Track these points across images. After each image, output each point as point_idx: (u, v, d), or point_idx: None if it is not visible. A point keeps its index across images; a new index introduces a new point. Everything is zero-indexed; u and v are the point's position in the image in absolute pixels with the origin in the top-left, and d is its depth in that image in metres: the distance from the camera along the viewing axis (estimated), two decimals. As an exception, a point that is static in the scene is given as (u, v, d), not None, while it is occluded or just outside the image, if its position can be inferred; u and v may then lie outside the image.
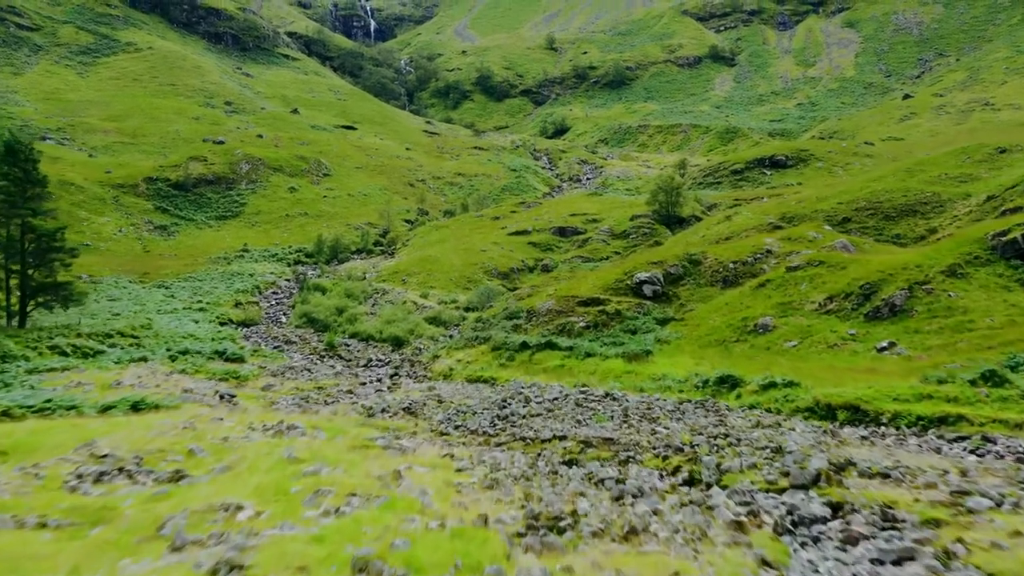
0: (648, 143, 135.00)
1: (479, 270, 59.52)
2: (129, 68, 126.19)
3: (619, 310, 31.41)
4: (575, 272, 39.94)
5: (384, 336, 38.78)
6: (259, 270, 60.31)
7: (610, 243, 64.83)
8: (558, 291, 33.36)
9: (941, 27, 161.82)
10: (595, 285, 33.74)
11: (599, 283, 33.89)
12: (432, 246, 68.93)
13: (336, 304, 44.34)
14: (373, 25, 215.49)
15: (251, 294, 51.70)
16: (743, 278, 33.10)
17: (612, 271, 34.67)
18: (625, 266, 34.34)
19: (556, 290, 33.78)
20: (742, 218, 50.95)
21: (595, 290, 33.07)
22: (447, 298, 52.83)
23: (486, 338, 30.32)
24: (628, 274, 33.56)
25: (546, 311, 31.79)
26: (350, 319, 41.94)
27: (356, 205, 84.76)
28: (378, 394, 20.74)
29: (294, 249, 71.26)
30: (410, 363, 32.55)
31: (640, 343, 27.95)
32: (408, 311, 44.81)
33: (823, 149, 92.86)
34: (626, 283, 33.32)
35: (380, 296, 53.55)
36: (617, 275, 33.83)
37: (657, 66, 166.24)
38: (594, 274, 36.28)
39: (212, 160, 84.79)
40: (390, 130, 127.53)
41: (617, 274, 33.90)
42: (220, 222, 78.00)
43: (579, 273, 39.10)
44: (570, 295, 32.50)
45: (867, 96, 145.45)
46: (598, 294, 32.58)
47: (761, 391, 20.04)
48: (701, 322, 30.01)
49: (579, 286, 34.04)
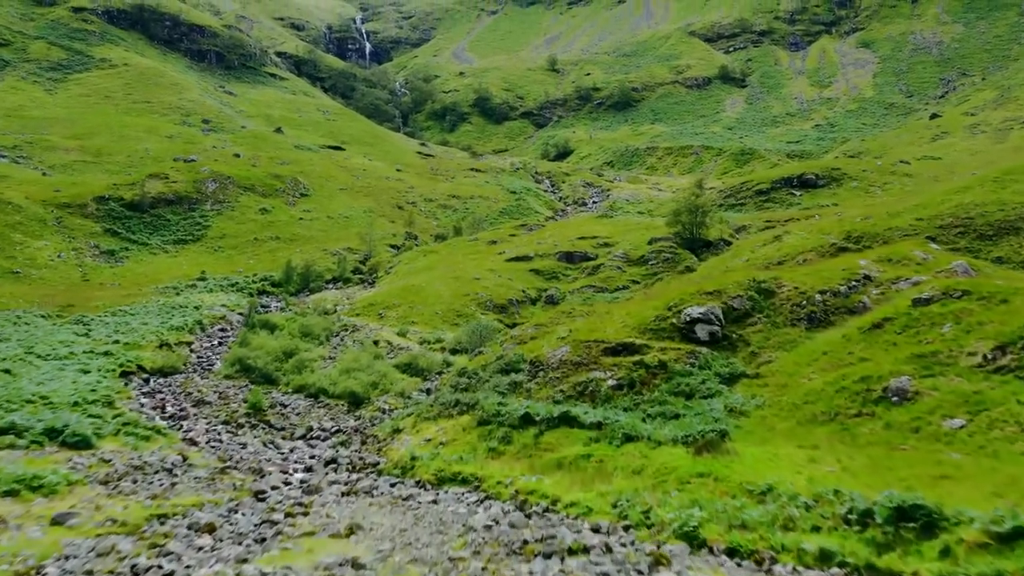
0: (657, 165, 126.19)
1: (471, 302, 49.80)
2: (101, 85, 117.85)
3: (663, 361, 21.62)
4: (592, 306, 30.19)
5: (338, 391, 28.96)
6: (209, 302, 50.54)
7: (626, 270, 55.22)
8: (575, 333, 23.57)
9: (962, 46, 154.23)
10: (625, 324, 23.95)
11: (631, 321, 24.10)
12: (418, 274, 59.27)
13: (284, 347, 34.47)
14: (368, 48, 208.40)
15: (188, 332, 41.85)
16: (838, 314, 23.35)
17: (647, 305, 24.90)
18: (666, 297, 24.56)
19: (572, 331, 23.98)
20: (796, 239, 41.28)
21: (626, 331, 23.31)
22: (430, 337, 43.05)
23: (470, 404, 20.54)
24: (673, 309, 23.78)
25: (558, 362, 22.03)
26: (298, 366, 32.09)
27: (336, 228, 75.27)
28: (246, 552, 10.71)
29: (259, 277, 61.65)
30: (363, 438, 22.68)
31: (705, 417, 18.18)
32: (377, 355, 34.93)
33: (856, 168, 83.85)
34: (670, 321, 23.53)
35: (348, 334, 43.72)
36: (656, 310, 24.04)
37: (664, 87, 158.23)
38: (621, 308, 26.46)
39: (174, 178, 75.52)
40: (381, 151, 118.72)
41: (656, 309, 24.11)
42: (178, 247, 68.43)
43: (598, 307, 29.31)
44: (592, 339, 22.74)
45: (889, 117, 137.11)
46: (631, 337, 22.82)
47: (998, 545, 10.20)
48: (790, 380, 20.19)
49: (603, 325, 24.24)
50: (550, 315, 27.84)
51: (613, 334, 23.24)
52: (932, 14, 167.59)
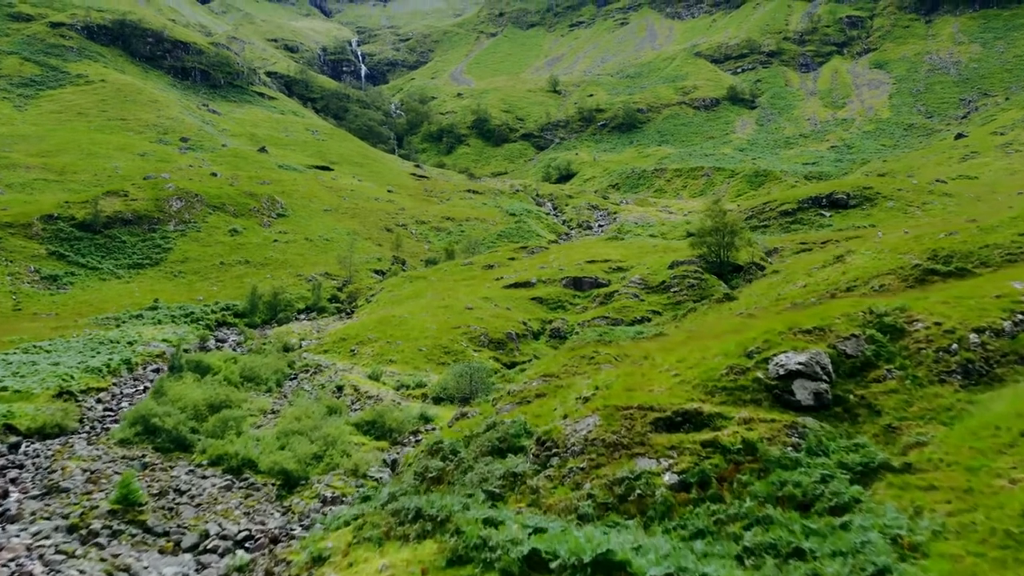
0: (666, 188, 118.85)
1: (461, 337, 41.62)
2: (75, 101, 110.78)
3: (750, 441, 13.56)
4: (619, 345, 21.82)
5: (267, 466, 20.70)
6: (149, 336, 42.32)
7: (644, 299, 47.09)
8: (605, 392, 15.41)
9: (981, 66, 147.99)
10: (680, 378, 15.85)
11: (688, 373, 16.00)
12: (402, 303, 51.19)
13: (209, 398, 26.20)
14: (364, 70, 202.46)
15: (109, 374, 33.64)
16: (1007, 364, 15.27)
17: (710, 348, 16.80)
18: (743, 338, 16.39)
19: (599, 389, 15.80)
20: (863, 259, 33.24)
21: (684, 390, 15.19)
22: (410, 380, 34.82)
23: (437, 519, 12.32)
24: (753, 355, 15.59)
25: (583, 442, 13.94)
26: (221, 427, 23.82)
27: (314, 252, 67.27)
28: None
29: (220, 306, 53.56)
30: (271, 562, 14.38)
31: (858, 561, 9.95)
32: (334, 408, 26.67)
33: (889, 187, 76.28)
34: (752, 375, 15.40)
35: (309, 377, 35.50)
36: (727, 356, 15.92)
37: (671, 108, 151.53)
38: (668, 352, 18.34)
39: (134, 195, 67.74)
40: (371, 172, 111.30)
41: (726, 355, 16.00)
42: (133, 271, 60.38)
43: (628, 347, 21.07)
44: (633, 404, 14.63)
45: (909, 137, 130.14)
46: (693, 399, 14.68)
47: None
48: (973, 480, 11.99)
49: (646, 379, 16.13)
50: (563, 360, 19.61)
51: (665, 395, 15.02)
52: (947, 34, 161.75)
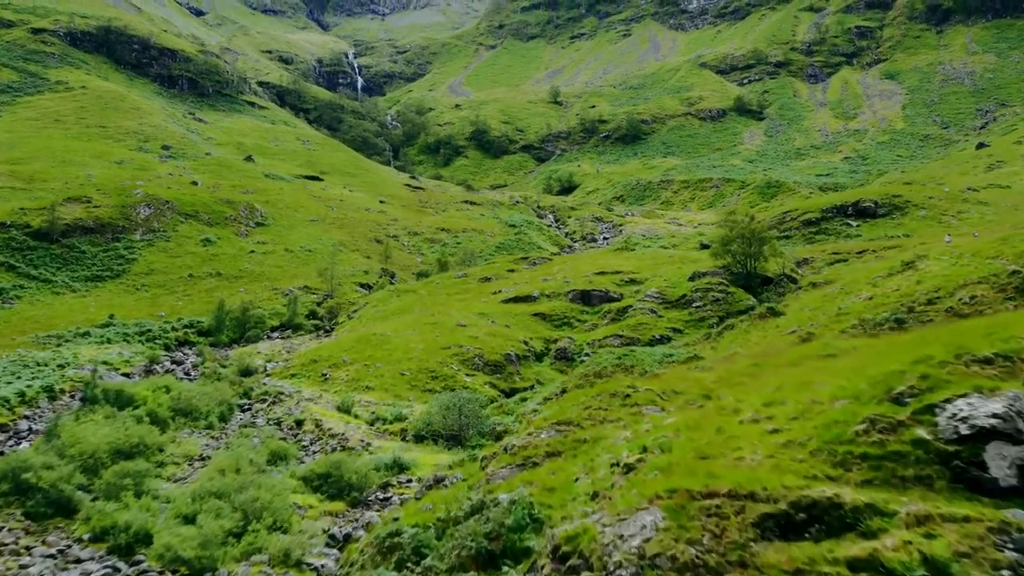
0: (673, 200, 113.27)
1: (452, 359, 35.55)
2: (52, 108, 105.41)
3: (936, 562, 6.84)
4: (666, 380, 15.61)
5: (159, 551, 14.60)
6: (88, 357, 36.26)
7: (663, 314, 41.05)
8: (666, 463, 9.21)
9: (997, 76, 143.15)
10: (786, 439, 9.49)
11: (800, 430, 9.66)
12: (386, 319, 45.18)
13: (115, 442, 20.09)
14: (360, 82, 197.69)
15: (20, 405, 27.56)
16: None
17: (823, 385, 10.45)
18: (881, 372, 10.09)
19: (655, 459, 9.58)
20: (941, 266, 27.25)
21: (795, 461, 8.80)
22: (387, 412, 28.76)
23: None
24: (905, 399, 9.33)
25: (636, 563, 7.58)
26: (117, 482, 17.68)
27: (294, 264, 61.32)
28: None
29: (183, 323, 47.57)
30: None
31: None
32: (279, 453, 20.64)
33: (921, 195, 70.71)
34: (907, 433, 9.03)
35: (266, 408, 29.43)
36: (859, 401, 9.67)
37: (676, 119, 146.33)
38: (748, 391, 12.11)
39: (98, 202, 61.94)
40: (364, 182, 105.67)
41: (857, 396, 9.76)
42: (90, 284, 54.39)
43: (677, 377, 14.87)
44: (716, 487, 8.30)
45: (926, 148, 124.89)
46: (817, 479, 8.28)
47: None
48: None
49: (724, 436, 9.90)
50: (585, 399, 13.54)
51: (767, 469, 8.90)
52: (960, 44, 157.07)
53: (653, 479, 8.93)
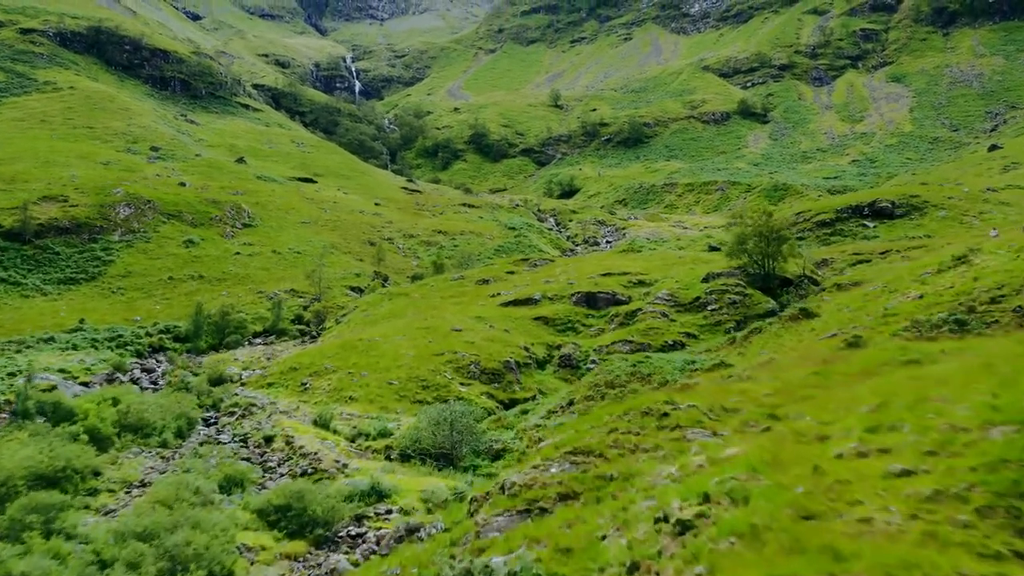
0: (677, 203, 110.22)
1: (446, 366, 32.29)
2: (39, 108, 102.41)
3: None
4: (714, 395, 12.45)
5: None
6: (42, 366, 32.98)
7: (676, 318, 37.83)
8: (742, 521, 5.80)
9: (1005, 79, 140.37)
10: (936, 489, 5.95)
11: (945, 472, 6.08)
12: (376, 324, 41.94)
13: (35, 466, 16.84)
14: (358, 87, 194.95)
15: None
16: None
17: (1000, 399, 6.99)
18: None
19: (723, 513, 6.26)
20: (999, 260, 24.04)
21: (964, 522, 5.32)
22: (370, 427, 25.51)
23: None
24: None
25: None
26: (22, 518, 14.43)
27: (281, 266, 58.12)
28: None
29: (159, 328, 44.35)
30: None
31: None
32: (236, 477, 17.37)
33: (939, 195, 67.63)
34: None
35: (234, 422, 26.15)
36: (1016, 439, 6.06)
37: (679, 122, 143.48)
38: (824, 410, 8.81)
39: (75, 201, 58.86)
40: (359, 185, 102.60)
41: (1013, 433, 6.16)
42: (63, 287, 51.18)
43: (722, 392, 11.75)
44: (832, 573, 4.83)
45: (935, 151, 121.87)
46: (1006, 562, 4.71)
47: None
48: None
49: (827, 479, 6.53)
50: (609, 419, 10.33)
51: (917, 547, 5.61)
52: (967, 47, 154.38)
53: (731, 552, 5.71)
